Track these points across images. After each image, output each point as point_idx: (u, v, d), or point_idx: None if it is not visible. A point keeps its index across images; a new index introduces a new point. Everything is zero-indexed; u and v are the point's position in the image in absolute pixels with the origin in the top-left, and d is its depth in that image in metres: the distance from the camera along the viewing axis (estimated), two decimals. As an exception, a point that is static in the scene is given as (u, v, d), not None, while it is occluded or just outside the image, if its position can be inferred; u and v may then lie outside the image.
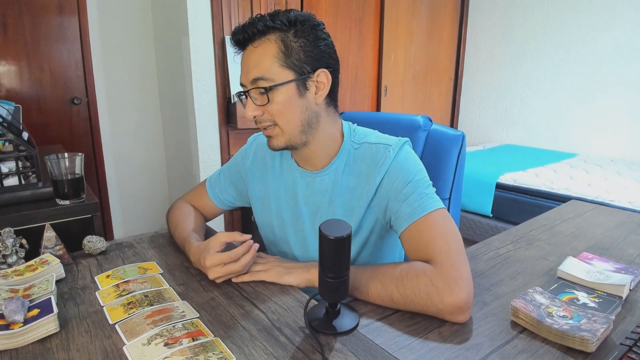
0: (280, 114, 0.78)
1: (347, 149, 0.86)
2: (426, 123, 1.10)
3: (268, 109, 0.78)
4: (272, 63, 0.76)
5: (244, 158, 0.99)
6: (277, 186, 0.93)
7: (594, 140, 3.13)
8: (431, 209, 0.75)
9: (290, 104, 0.78)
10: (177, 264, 0.88)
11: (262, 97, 0.77)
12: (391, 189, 0.79)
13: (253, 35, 0.76)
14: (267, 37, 0.76)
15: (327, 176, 0.86)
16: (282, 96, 0.77)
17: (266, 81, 0.76)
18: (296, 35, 0.76)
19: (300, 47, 0.76)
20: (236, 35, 0.79)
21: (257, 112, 0.79)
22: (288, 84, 0.76)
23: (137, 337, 0.62)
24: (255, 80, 0.76)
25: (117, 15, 2.55)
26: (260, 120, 0.80)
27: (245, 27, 0.77)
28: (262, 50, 0.76)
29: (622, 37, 2.90)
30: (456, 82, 3.77)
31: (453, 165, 1.07)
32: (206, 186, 1.04)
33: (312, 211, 0.88)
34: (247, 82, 0.78)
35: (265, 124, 0.80)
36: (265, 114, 0.79)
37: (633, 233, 1.08)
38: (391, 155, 0.80)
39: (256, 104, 0.78)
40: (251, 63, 0.77)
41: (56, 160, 1.02)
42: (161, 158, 2.89)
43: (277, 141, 0.81)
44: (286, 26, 0.76)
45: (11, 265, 0.83)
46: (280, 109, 0.78)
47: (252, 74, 0.77)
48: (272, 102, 0.77)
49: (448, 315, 0.66)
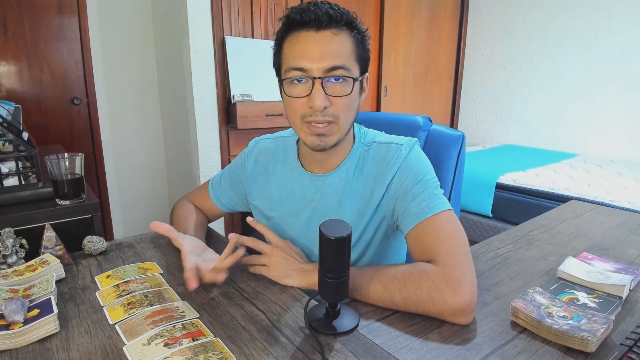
0: (346, 109, 0.76)
1: (357, 151, 0.85)
2: (426, 123, 1.10)
3: (338, 102, 0.74)
4: (351, 55, 0.74)
5: (245, 163, 0.97)
6: (281, 191, 0.91)
7: (594, 141, 3.13)
8: (439, 209, 0.75)
9: (355, 101, 0.77)
10: (177, 264, 0.88)
11: (344, 87, 0.74)
12: (401, 187, 0.79)
13: (332, 21, 0.72)
14: (344, 29, 0.74)
15: (337, 178, 0.85)
16: (354, 90, 0.75)
17: (347, 71, 0.73)
18: (360, 36, 0.77)
19: (363, 47, 0.77)
20: (311, 14, 0.71)
21: (327, 103, 0.73)
22: (359, 79, 0.76)
23: (137, 337, 0.62)
24: (335, 68, 0.72)
25: (117, 15, 2.55)
26: (325, 113, 0.74)
27: (328, 10, 0.72)
28: (342, 39, 0.73)
29: (622, 37, 2.90)
30: (456, 82, 3.77)
31: (453, 165, 1.07)
32: (208, 188, 1.03)
33: (321, 214, 0.86)
34: (318, 68, 0.72)
35: (328, 118, 0.75)
36: (332, 106, 0.74)
37: (633, 233, 1.08)
38: (403, 155, 0.80)
39: (327, 93, 0.73)
40: (330, 49, 0.72)
41: (56, 161, 1.02)
42: (161, 158, 2.89)
43: (334, 138, 0.77)
44: (354, 24, 0.76)
45: (11, 265, 0.83)
46: (348, 103, 0.75)
47: (332, 61, 0.72)
48: (347, 95, 0.74)
49: (450, 317, 0.66)
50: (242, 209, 1.03)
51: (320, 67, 0.72)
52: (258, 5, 2.34)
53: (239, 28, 2.30)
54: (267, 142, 0.97)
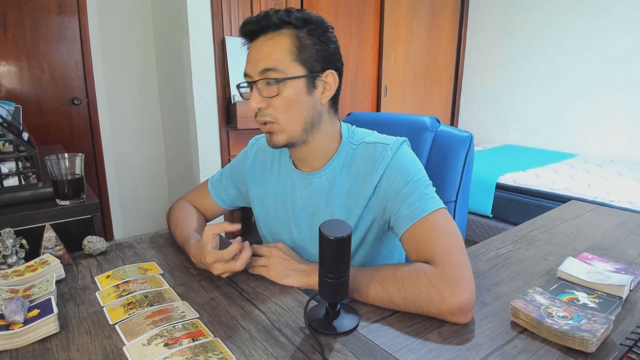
0: (285, 109, 0.77)
1: (344, 149, 0.85)
2: (433, 124, 1.09)
3: (274, 102, 0.77)
4: (284, 56, 0.75)
5: (245, 159, 0.99)
6: (275, 188, 0.93)
7: (594, 141, 3.13)
8: (431, 209, 0.74)
9: (297, 100, 0.78)
10: (177, 264, 0.88)
11: (271, 89, 0.76)
12: (390, 189, 0.79)
13: (267, 27, 0.76)
14: (282, 31, 0.76)
15: (324, 177, 0.86)
16: (290, 91, 0.76)
17: (277, 73, 0.75)
18: (309, 34, 0.77)
19: (312, 45, 0.77)
20: (248, 26, 0.78)
21: (262, 104, 0.77)
22: (298, 79, 0.76)
23: (137, 337, 0.62)
24: (265, 70, 0.75)
25: (117, 15, 2.55)
26: (262, 113, 0.78)
27: (260, 18, 0.76)
28: (275, 42, 0.76)
29: (622, 37, 2.90)
30: (456, 82, 3.77)
31: (460, 167, 1.05)
32: (208, 186, 1.04)
33: (310, 213, 0.88)
34: (254, 72, 0.77)
35: (266, 119, 0.78)
36: (269, 107, 0.77)
37: (633, 233, 1.08)
38: (389, 155, 0.80)
39: (262, 96, 0.77)
40: (262, 54, 0.76)
41: (56, 161, 1.02)
42: (161, 158, 2.89)
43: (279, 137, 0.80)
44: (301, 24, 0.76)
45: (11, 265, 0.83)
46: (286, 104, 0.77)
47: (263, 65, 0.75)
48: (280, 95, 0.76)
49: (449, 316, 0.66)
50: (243, 204, 1.04)
51: (255, 71, 0.77)
52: (258, 5, 2.35)
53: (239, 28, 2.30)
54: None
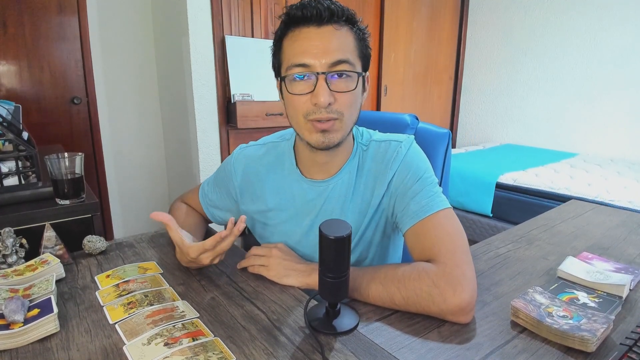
0: (350, 105, 0.74)
1: (357, 151, 0.84)
2: (413, 121, 1.10)
3: (344, 97, 0.72)
4: (353, 50, 0.73)
5: (232, 176, 0.92)
6: (279, 199, 0.87)
7: (594, 140, 3.13)
8: (438, 208, 0.74)
9: (358, 97, 0.76)
10: (177, 263, 0.88)
11: (348, 83, 0.72)
12: (401, 185, 0.78)
13: (333, 16, 0.71)
14: (344, 24, 0.73)
15: (340, 181, 0.83)
16: (358, 86, 0.74)
17: (351, 66, 0.72)
18: (361, 33, 0.76)
19: (364, 44, 0.76)
20: (312, 9, 0.70)
21: (331, 99, 0.71)
22: (361, 76, 0.75)
23: (137, 337, 0.62)
24: (339, 62, 0.71)
25: (117, 15, 2.55)
26: (329, 110, 0.72)
27: (330, 6, 0.70)
28: (345, 34, 0.72)
29: (622, 37, 2.90)
30: (456, 82, 3.77)
31: (440, 163, 1.07)
32: (199, 197, 1.00)
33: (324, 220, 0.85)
34: (321, 63, 0.70)
35: (332, 115, 0.72)
36: (335, 103, 0.72)
37: (633, 233, 1.08)
38: (403, 151, 0.80)
39: (332, 90, 0.71)
40: (333, 44, 0.70)
41: (56, 160, 1.02)
42: (161, 158, 2.89)
43: (338, 135, 0.75)
44: (354, 21, 0.75)
45: (11, 265, 0.83)
46: (353, 100, 0.74)
47: (336, 55, 0.70)
48: (351, 91, 0.73)
49: (450, 315, 0.66)
50: None
51: (324, 63, 0.70)
52: (258, 5, 2.34)
53: (239, 27, 2.30)
54: (254, 149, 0.92)
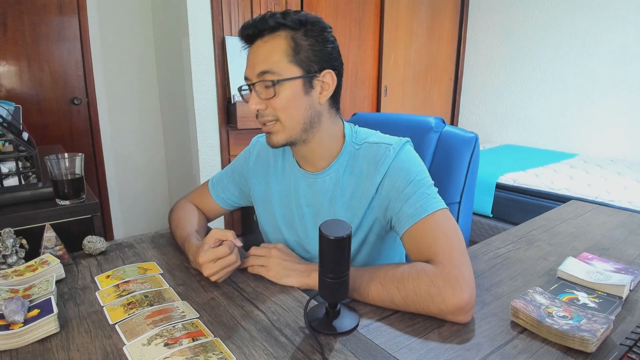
0: (283, 109, 0.78)
1: (348, 149, 0.86)
2: (438, 124, 1.08)
3: (272, 103, 0.78)
4: (280, 58, 0.77)
5: (247, 158, 1.00)
6: (279, 187, 0.93)
7: (594, 140, 3.13)
8: (433, 209, 0.75)
9: (295, 100, 0.78)
10: (177, 264, 0.88)
11: (268, 91, 0.78)
12: (392, 188, 0.79)
13: (263, 30, 0.78)
14: (278, 34, 0.77)
15: (328, 177, 0.86)
16: (287, 91, 0.78)
17: (273, 75, 0.77)
18: (306, 35, 0.78)
19: (309, 46, 0.78)
20: (246, 30, 0.79)
21: (260, 106, 0.79)
22: (295, 80, 0.77)
23: (137, 337, 0.62)
24: (263, 73, 0.77)
25: (117, 15, 2.55)
26: (262, 114, 0.80)
27: (256, 22, 0.78)
28: (271, 45, 0.77)
29: (622, 38, 2.90)
30: (456, 82, 3.77)
31: (465, 168, 1.05)
32: (208, 186, 1.04)
33: (313, 212, 0.89)
34: (252, 75, 0.79)
35: (266, 119, 0.80)
36: (268, 108, 0.79)
37: (633, 233, 1.08)
38: (392, 155, 0.80)
39: (260, 97, 0.79)
40: (259, 57, 0.78)
41: (56, 161, 1.02)
42: (161, 158, 2.89)
43: (278, 137, 0.81)
44: (297, 25, 0.77)
45: (11, 265, 0.83)
46: (284, 104, 0.78)
47: (260, 67, 0.77)
48: (277, 96, 0.77)
49: (449, 315, 0.66)
50: (244, 204, 1.04)
51: (253, 74, 0.78)
52: (258, 5, 2.34)
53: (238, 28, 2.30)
54: None
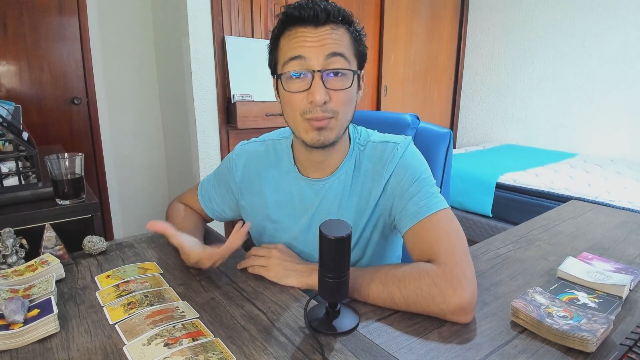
0: (345, 103, 0.73)
1: (353, 151, 0.84)
2: (414, 121, 1.10)
3: (337, 95, 0.72)
4: (349, 48, 0.73)
5: (233, 171, 0.92)
6: (278, 197, 0.88)
7: (594, 140, 3.13)
8: (437, 208, 0.75)
9: (354, 96, 0.76)
10: (177, 264, 0.88)
11: (343, 81, 0.72)
12: (398, 186, 0.78)
13: (330, 17, 0.71)
14: (341, 25, 0.73)
15: (336, 180, 0.83)
16: (352, 85, 0.73)
17: (346, 61, 0.72)
18: (357, 33, 0.76)
19: (360, 44, 0.77)
20: (309, 10, 0.70)
21: (327, 98, 0.71)
22: (356, 74, 0.75)
23: (137, 337, 0.62)
24: (336, 54, 0.70)
25: (117, 15, 2.55)
26: (324, 109, 0.72)
27: (326, 7, 0.71)
28: (341, 33, 0.73)
29: (622, 37, 2.90)
30: (456, 82, 3.77)
31: (441, 163, 1.06)
32: (198, 194, 1.00)
33: (321, 218, 0.84)
34: (320, 56, 0.70)
35: (327, 115, 0.72)
36: (330, 102, 0.72)
37: (633, 233, 1.08)
38: (399, 153, 0.80)
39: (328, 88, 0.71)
40: (330, 40, 0.70)
41: (56, 160, 1.02)
42: (161, 158, 2.89)
43: (332, 133, 0.74)
44: (350, 21, 0.75)
45: (11, 265, 0.83)
46: (348, 98, 0.73)
47: (334, 48, 0.70)
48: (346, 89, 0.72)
49: (451, 315, 0.66)
50: (232, 218, 0.99)
51: (320, 55, 0.70)
52: (258, 5, 2.35)
53: (239, 28, 2.31)
54: (255, 145, 0.93)
